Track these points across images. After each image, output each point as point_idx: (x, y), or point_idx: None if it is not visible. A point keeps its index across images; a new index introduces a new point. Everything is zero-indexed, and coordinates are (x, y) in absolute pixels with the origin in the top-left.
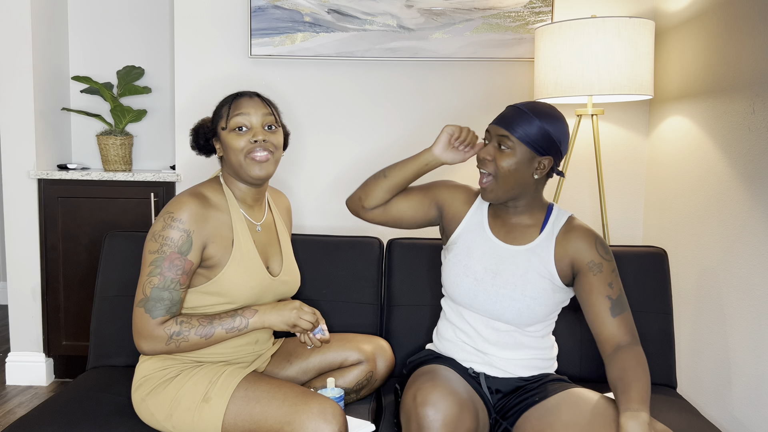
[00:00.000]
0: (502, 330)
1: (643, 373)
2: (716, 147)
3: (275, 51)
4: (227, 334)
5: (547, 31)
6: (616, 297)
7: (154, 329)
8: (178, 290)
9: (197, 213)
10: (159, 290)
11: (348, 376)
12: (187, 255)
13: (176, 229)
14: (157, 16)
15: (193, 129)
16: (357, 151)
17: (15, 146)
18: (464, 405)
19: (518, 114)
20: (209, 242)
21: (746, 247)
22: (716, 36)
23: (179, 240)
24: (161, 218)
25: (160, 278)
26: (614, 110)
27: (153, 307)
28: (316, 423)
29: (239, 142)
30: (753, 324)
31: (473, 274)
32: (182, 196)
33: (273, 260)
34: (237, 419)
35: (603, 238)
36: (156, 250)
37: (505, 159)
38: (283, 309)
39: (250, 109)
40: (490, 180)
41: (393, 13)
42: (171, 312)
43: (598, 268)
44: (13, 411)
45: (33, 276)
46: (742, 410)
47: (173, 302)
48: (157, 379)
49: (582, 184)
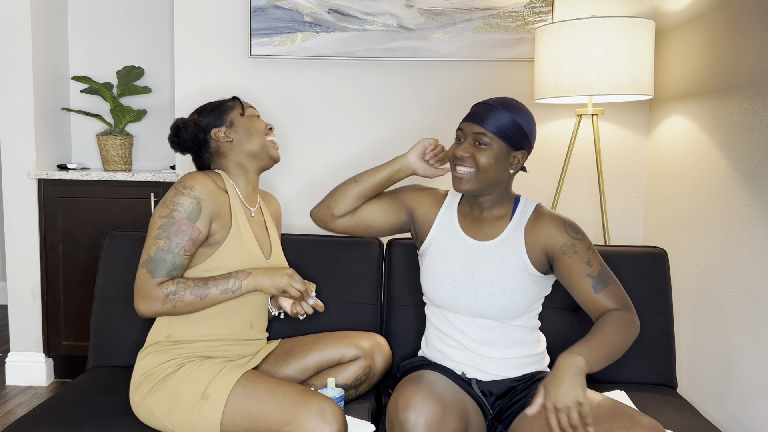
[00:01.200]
0: (488, 327)
1: (613, 330)
2: (716, 147)
3: (275, 51)
4: (221, 295)
5: (547, 31)
6: (596, 273)
7: (152, 289)
8: (182, 255)
9: (209, 186)
10: (163, 252)
11: (346, 372)
12: (196, 222)
13: (187, 196)
14: (157, 16)
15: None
16: (357, 151)
17: (15, 146)
18: (448, 407)
19: (490, 110)
20: (215, 217)
21: (746, 247)
22: (716, 36)
23: (189, 206)
24: (173, 188)
25: (166, 241)
26: (614, 110)
27: (155, 269)
28: (315, 423)
29: (260, 124)
30: (753, 324)
31: (451, 275)
32: (194, 172)
33: (264, 247)
34: (236, 417)
35: (572, 221)
36: (166, 215)
37: (483, 155)
38: (276, 274)
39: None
40: (469, 172)
41: (393, 13)
42: (171, 275)
43: (572, 249)
44: (13, 411)
45: (33, 276)
46: (742, 410)
47: (175, 266)
48: (156, 376)
49: (582, 184)
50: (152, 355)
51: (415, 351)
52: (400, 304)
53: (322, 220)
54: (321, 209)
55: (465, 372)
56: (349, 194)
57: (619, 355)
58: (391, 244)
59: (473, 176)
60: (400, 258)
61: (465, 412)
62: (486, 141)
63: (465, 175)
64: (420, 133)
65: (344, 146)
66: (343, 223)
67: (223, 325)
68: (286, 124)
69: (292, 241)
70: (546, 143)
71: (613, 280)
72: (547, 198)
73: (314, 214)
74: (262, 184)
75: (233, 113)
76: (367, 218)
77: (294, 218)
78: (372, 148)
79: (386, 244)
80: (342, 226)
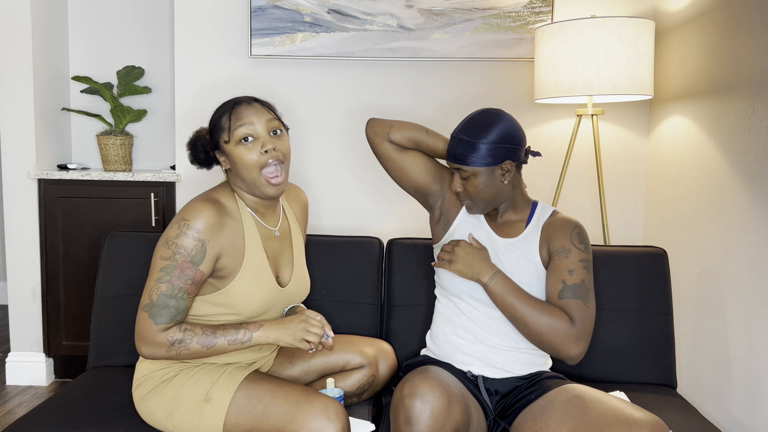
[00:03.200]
0: (501, 319)
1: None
2: (716, 147)
3: (275, 51)
4: (229, 346)
5: (547, 31)
6: (571, 283)
7: (156, 335)
8: (185, 299)
9: (213, 222)
10: (166, 297)
11: (350, 379)
12: (199, 265)
13: (190, 238)
14: (157, 16)
15: (190, 143)
16: (356, 152)
17: (15, 146)
18: (453, 397)
19: (460, 144)
20: (223, 253)
21: (746, 247)
22: (716, 36)
23: (193, 249)
24: (176, 224)
25: (168, 285)
26: (614, 110)
27: (158, 314)
28: (319, 421)
29: (250, 155)
30: (753, 324)
31: None
32: (197, 202)
33: (283, 269)
34: (239, 418)
35: (585, 231)
36: (168, 257)
37: (470, 185)
38: (290, 324)
39: (252, 117)
40: (469, 202)
41: (393, 13)
42: (175, 320)
43: (565, 253)
44: (13, 411)
45: (33, 276)
46: (742, 410)
47: (179, 311)
48: (156, 379)
49: (582, 184)
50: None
51: (416, 351)
52: (400, 304)
53: (375, 132)
54: (382, 124)
55: (471, 370)
56: (413, 134)
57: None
58: (391, 244)
59: (473, 204)
60: (400, 258)
61: (468, 407)
62: (466, 175)
63: (468, 204)
64: None
65: (344, 146)
66: (388, 150)
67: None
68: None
69: None
70: (546, 143)
71: (585, 298)
72: (547, 198)
73: (373, 124)
74: None
75: (222, 136)
76: (408, 163)
77: None
78: None
79: (386, 244)
80: (385, 150)
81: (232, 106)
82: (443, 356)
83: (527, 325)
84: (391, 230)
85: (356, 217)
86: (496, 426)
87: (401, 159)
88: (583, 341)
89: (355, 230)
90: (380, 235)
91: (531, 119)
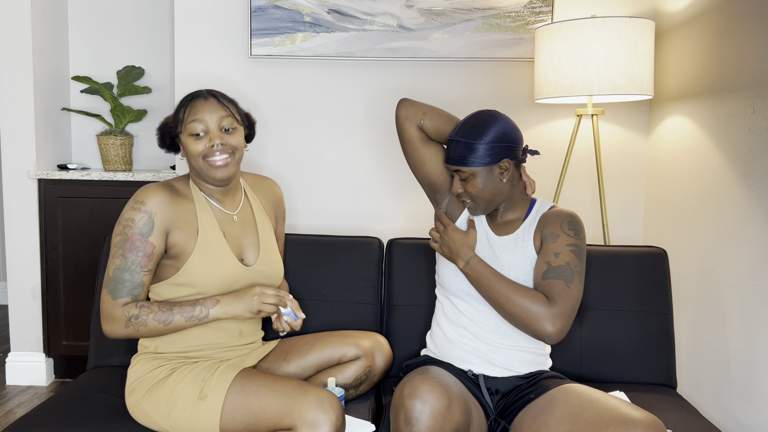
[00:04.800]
0: (500, 318)
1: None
2: (716, 147)
3: (275, 51)
4: (186, 323)
5: (547, 31)
6: (555, 265)
7: (114, 309)
8: (139, 272)
9: (161, 197)
10: (120, 271)
11: (346, 372)
12: (149, 237)
13: (138, 211)
14: (157, 16)
15: (159, 128)
16: (357, 152)
17: (15, 146)
18: (454, 398)
19: (458, 147)
20: (173, 227)
21: (746, 247)
22: (716, 36)
23: (140, 221)
24: (128, 204)
25: (122, 259)
26: (614, 110)
27: (114, 288)
28: (314, 412)
29: (197, 146)
30: (753, 324)
31: None
32: (149, 184)
33: (248, 250)
34: (235, 414)
35: (579, 220)
36: (120, 232)
37: (470, 186)
38: (244, 296)
39: (204, 113)
40: (470, 203)
41: (393, 13)
42: (132, 294)
43: (553, 238)
44: (13, 411)
45: (33, 276)
46: (742, 410)
47: (134, 284)
48: (149, 381)
49: (582, 184)
50: (143, 362)
51: (416, 351)
52: (400, 304)
53: (407, 115)
54: (415, 107)
55: (472, 369)
56: (444, 127)
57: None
58: (391, 244)
59: (475, 205)
60: (400, 258)
61: (468, 407)
62: (465, 176)
63: (469, 206)
64: None
65: (344, 146)
66: (414, 137)
67: (209, 336)
68: (285, 124)
69: (294, 241)
70: (546, 143)
71: (567, 279)
72: (547, 198)
73: (406, 106)
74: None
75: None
76: (429, 156)
77: (296, 217)
78: (372, 148)
79: (386, 244)
80: (412, 136)
81: (190, 99)
82: (443, 356)
83: (502, 305)
84: (391, 230)
85: (356, 217)
86: (496, 425)
87: (424, 150)
88: (561, 319)
89: (355, 230)
90: (380, 235)
91: (531, 119)
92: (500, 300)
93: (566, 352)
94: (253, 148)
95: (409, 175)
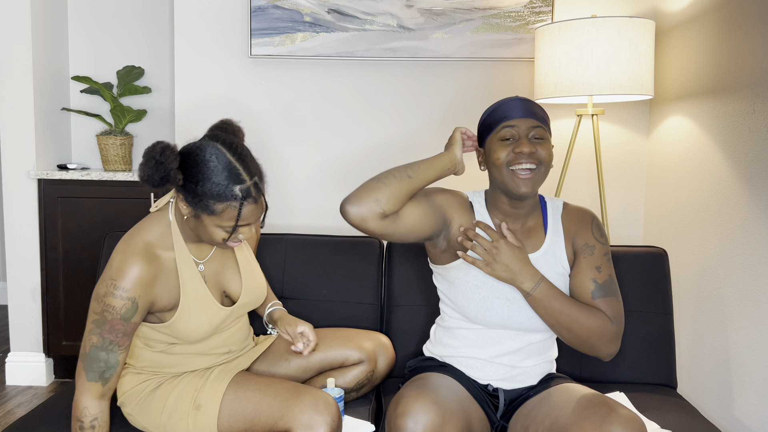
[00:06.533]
0: (534, 341)
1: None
2: (716, 147)
3: (275, 51)
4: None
5: (547, 31)
6: (602, 281)
7: (83, 390)
8: (116, 352)
9: (142, 275)
10: (96, 350)
11: (348, 375)
12: (131, 319)
13: (119, 298)
14: (157, 16)
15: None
16: (357, 152)
17: (15, 146)
18: (448, 415)
19: (533, 104)
20: (157, 300)
21: (746, 247)
22: (716, 36)
23: (122, 308)
24: (104, 282)
25: (99, 338)
26: (614, 110)
27: (88, 367)
28: (309, 415)
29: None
30: (753, 324)
31: (503, 294)
32: (126, 256)
33: (231, 283)
34: (231, 421)
35: (599, 220)
36: (98, 311)
37: (543, 149)
38: None
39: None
40: (534, 171)
41: (393, 13)
42: (104, 378)
43: (590, 250)
44: (13, 411)
45: (33, 276)
46: (742, 410)
47: (108, 365)
48: (138, 394)
49: (582, 184)
50: (130, 375)
51: (416, 350)
52: (400, 304)
53: (362, 217)
54: (365, 203)
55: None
56: (403, 189)
57: (560, 329)
58: (391, 244)
59: (537, 174)
60: (400, 258)
61: (468, 421)
62: (542, 134)
63: (530, 175)
64: (420, 133)
65: (344, 146)
66: (384, 226)
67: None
68: (285, 123)
69: (293, 241)
70: None
71: (615, 293)
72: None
73: (354, 206)
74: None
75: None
76: (410, 222)
77: (295, 218)
78: (372, 147)
79: (386, 244)
80: (381, 227)
81: (242, 200)
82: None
83: (572, 330)
84: None
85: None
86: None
87: (403, 224)
88: (620, 337)
89: (355, 230)
90: None
91: None
92: (571, 325)
93: (567, 352)
94: (253, 147)
95: None
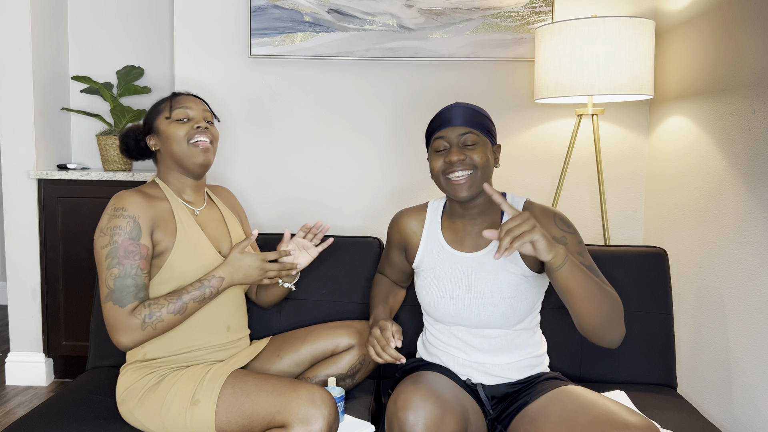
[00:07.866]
0: (492, 336)
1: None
2: (717, 147)
3: (275, 51)
4: (199, 305)
5: (547, 31)
6: (589, 264)
7: (126, 319)
8: (141, 275)
9: (138, 200)
10: (122, 279)
11: (341, 362)
12: (139, 240)
13: (122, 218)
14: (157, 16)
15: (122, 135)
16: (357, 151)
17: (15, 146)
18: (447, 407)
19: (464, 109)
20: (155, 226)
21: (746, 247)
22: (716, 36)
23: (127, 226)
24: (105, 214)
25: (120, 268)
26: (614, 110)
27: (121, 297)
28: (306, 408)
29: (181, 130)
30: (753, 324)
31: (447, 293)
32: (121, 192)
33: (223, 244)
34: (229, 416)
35: (562, 214)
36: (107, 243)
37: (476, 153)
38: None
39: (191, 103)
40: (467, 175)
41: (393, 12)
42: (139, 297)
43: (562, 241)
44: (13, 411)
45: (33, 276)
46: (742, 410)
47: (139, 287)
48: (139, 390)
49: (582, 184)
50: (132, 371)
51: (413, 351)
52: None
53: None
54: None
55: (470, 378)
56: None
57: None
58: None
59: (472, 178)
60: None
61: (465, 412)
62: (473, 139)
63: (463, 179)
64: (420, 133)
65: (344, 145)
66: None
67: (198, 336)
68: (285, 123)
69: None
70: (546, 143)
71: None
72: (547, 198)
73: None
74: (255, 179)
75: (159, 119)
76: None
77: (295, 217)
78: (372, 147)
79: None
80: None
81: (173, 95)
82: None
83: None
84: None
85: (356, 217)
86: (494, 429)
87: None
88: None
89: (355, 230)
90: (380, 235)
91: (531, 119)
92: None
93: (566, 352)
94: (253, 147)
95: (410, 175)
